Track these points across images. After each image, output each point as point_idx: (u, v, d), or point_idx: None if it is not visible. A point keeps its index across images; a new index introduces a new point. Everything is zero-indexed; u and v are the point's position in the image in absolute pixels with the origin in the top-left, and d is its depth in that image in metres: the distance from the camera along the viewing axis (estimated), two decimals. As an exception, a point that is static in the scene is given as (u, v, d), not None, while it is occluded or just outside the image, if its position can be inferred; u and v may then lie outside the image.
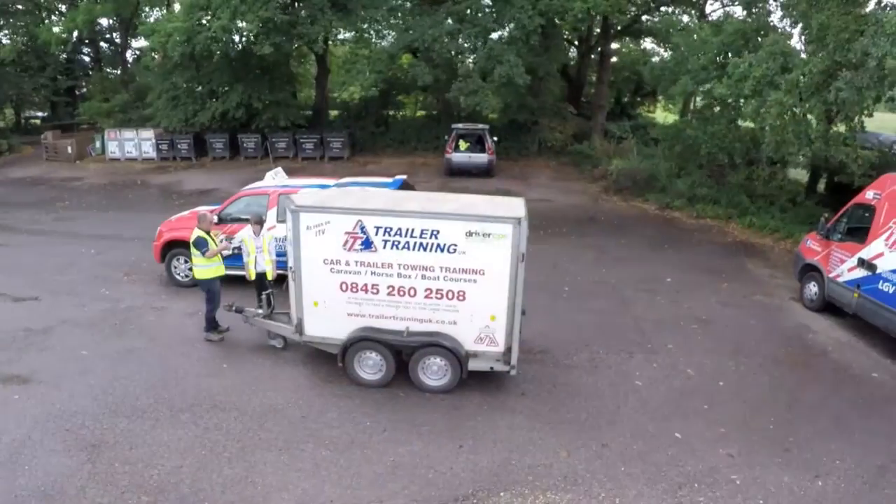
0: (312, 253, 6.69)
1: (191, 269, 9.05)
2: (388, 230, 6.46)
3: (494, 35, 18.33)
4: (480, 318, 6.60)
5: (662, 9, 22.72)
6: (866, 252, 7.64)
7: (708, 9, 22.23)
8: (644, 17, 22.29)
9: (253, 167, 20.25)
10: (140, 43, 28.84)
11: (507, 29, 18.08)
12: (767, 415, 6.31)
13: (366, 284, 6.68)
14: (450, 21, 17.38)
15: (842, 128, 11.26)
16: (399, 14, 19.50)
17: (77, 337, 8.13)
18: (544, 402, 6.65)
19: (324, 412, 6.37)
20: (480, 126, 19.68)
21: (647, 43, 26.72)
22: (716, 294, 9.82)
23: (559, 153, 23.29)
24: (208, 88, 21.19)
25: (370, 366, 6.84)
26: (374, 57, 18.54)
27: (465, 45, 17.27)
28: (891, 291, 7.18)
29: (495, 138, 19.92)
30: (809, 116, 10.56)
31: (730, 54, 12.29)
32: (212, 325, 8.11)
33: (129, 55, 30.53)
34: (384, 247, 6.52)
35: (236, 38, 18.62)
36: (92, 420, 6.19)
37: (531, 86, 20.16)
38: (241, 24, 17.30)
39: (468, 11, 17.69)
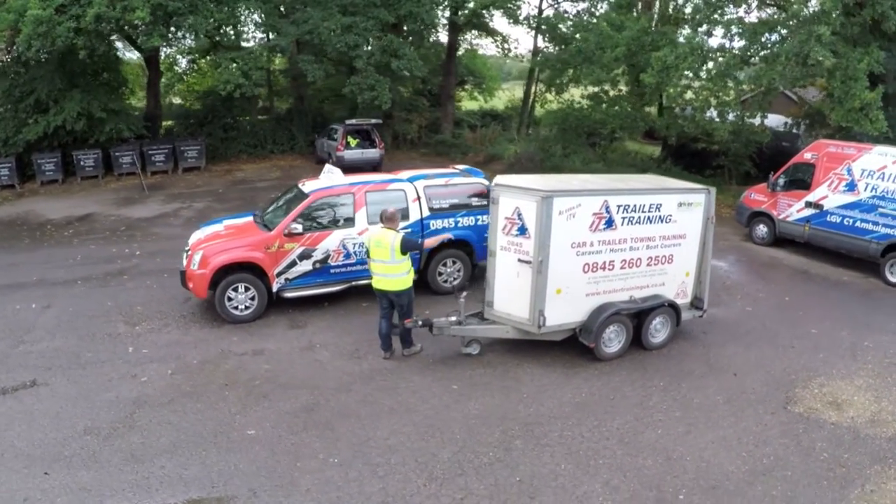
0: (561, 238, 7.07)
1: (252, 300, 8.31)
2: (626, 208, 7.33)
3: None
4: (680, 276, 8.01)
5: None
6: (812, 196, 11.52)
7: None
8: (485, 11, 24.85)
9: (94, 186, 16.83)
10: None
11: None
12: (814, 304, 9.40)
13: (605, 262, 7.40)
14: (341, 16, 16.97)
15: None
16: (281, 7, 18.00)
17: (207, 418, 6.24)
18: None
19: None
20: (373, 121, 19.72)
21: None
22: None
23: (415, 145, 24.67)
24: (33, 98, 16.09)
25: (610, 339, 7.50)
26: (256, 52, 16.81)
27: (359, 38, 17.10)
28: (837, 221, 11.13)
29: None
30: (727, 97, 14.42)
31: (646, 47, 15.57)
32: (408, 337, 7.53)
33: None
34: (622, 224, 7.32)
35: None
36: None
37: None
38: (123, 12, 13.65)
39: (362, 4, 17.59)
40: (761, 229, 12.74)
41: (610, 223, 7.29)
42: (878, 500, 5.12)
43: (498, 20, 25.38)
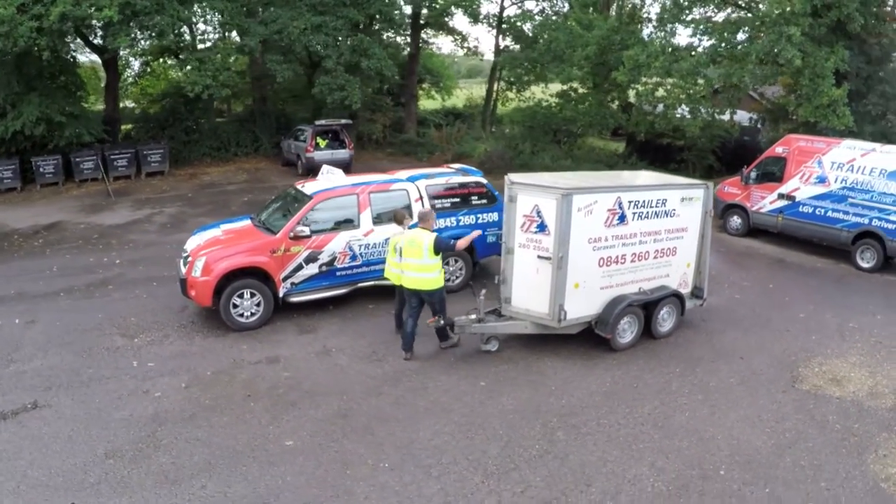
0: (579, 234, 7.32)
1: (258, 306, 8.26)
2: (636, 203, 7.66)
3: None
4: (682, 267, 8.44)
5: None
6: (784, 188, 12.27)
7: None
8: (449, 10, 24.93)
9: (55, 193, 15.92)
10: None
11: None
12: (796, 290, 10.07)
13: (618, 256, 7.70)
14: (310, 15, 16.71)
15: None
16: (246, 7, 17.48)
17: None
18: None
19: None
20: (343, 121, 19.51)
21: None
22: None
23: (381, 145, 24.54)
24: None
25: (623, 330, 7.81)
26: (224, 52, 16.30)
27: (329, 38, 16.86)
28: (809, 212, 11.90)
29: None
30: (699, 94, 15.10)
31: (614, 46, 16.09)
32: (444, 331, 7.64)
33: None
34: (633, 219, 7.65)
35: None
36: None
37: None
38: (90, 11, 12.83)
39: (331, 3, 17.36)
40: (735, 220, 13.46)
41: (622, 218, 7.59)
42: (891, 463, 5.62)
43: (458, 19, 25.56)
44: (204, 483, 5.31)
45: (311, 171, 19.45)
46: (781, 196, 12.35)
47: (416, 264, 7.16)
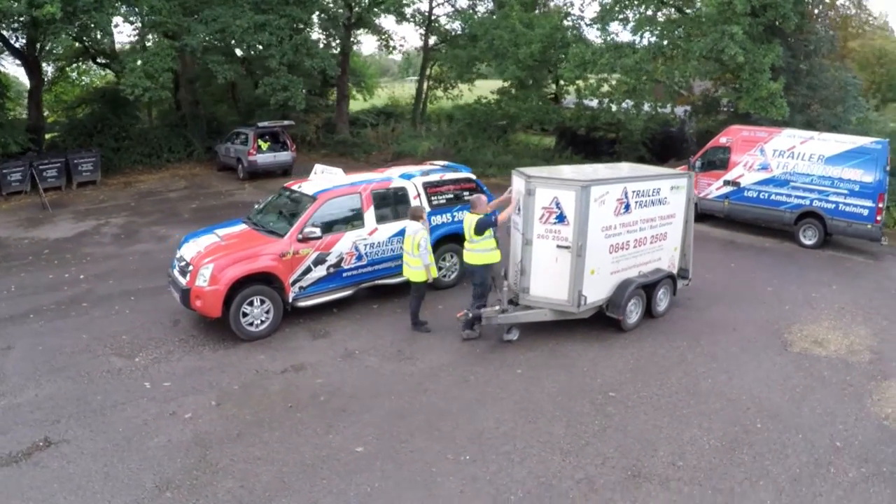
0: (595, 223, 7.80)
1: (267, 313, 8.14)
2: (638, 193, 8.30)
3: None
4: (671, 251, 9.20)
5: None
6: (730, 175, 13.59)
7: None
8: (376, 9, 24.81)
9: None
10: None
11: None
12: (756, 267, 11.26)
13: (624, 242, 8.32)
14: (253, 14, 16.08)
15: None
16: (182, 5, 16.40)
17: None
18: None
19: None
20: (286, 122, 18.96)
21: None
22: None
23: (314, 146, 24.08)
24: None
25: (631, 311, 8.43)
26: (162, 52, 15.27)
27: (273, 37, 16.29)
28: (754, 196, 13.26)
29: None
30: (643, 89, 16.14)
31: (556, 46, 16.83)
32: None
33: None
34: (636, 207, 8.26)
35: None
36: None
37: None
38: (30, 10, 11.43)
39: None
40: (683, 207, 14.68)
41: (627, 207, 8.18)
42: (886, 405, 6.64)
43: (386, 17, 25.59)
44: (286, 502, 5.13)
45: (253, 173, 19.00)
46: (727, 182, 13.66)
47: (468, 243, 8.02)
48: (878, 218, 11.67)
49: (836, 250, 12.35)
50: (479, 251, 7.98)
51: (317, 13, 17.93)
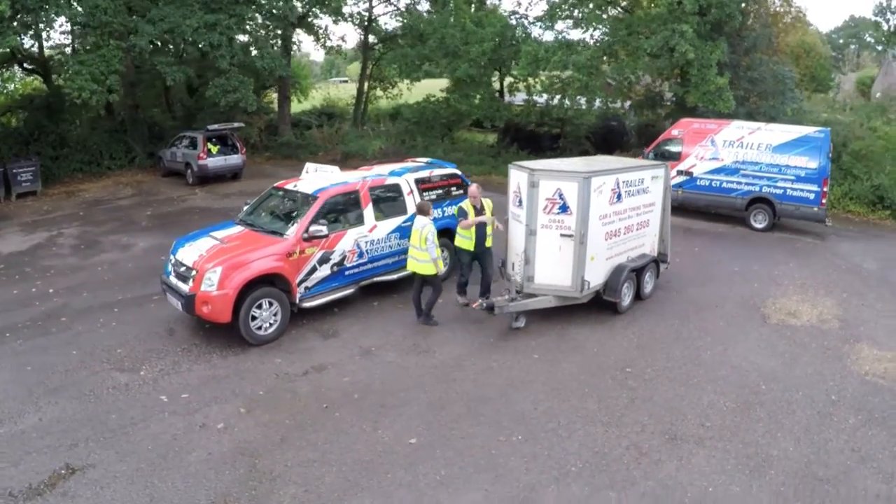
0: (594, 212, 8.28)
1: (275, 315, 8.07)
2: (627, 182, 8.89)
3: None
4: (652, 237, 9.85)
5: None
6: (683, 166, 14.61)
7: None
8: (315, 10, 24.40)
9: None
10: None
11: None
12: (717, 250, 12.22)
13: (616, 230, 8.89)
14: (203, 13, 15.47)
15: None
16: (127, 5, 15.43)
17: None
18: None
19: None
20: (236, 124, 18.39)
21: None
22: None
23: (258, 148, 23.54)
24: None
25: (624, 294, 9.01)
26: (108, 54, 14.36)
27: (223, 37, 15.75)
28: (706, 184, 14.37)
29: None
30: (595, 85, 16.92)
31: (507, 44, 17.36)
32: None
33: None
34: (626, 196, 8.83)
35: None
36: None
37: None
38: None
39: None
40: (639, 198, 15.61)
41: (619, 197, 8.75)
42: (863, 364, 7.55)
43: (323, 17, 25.37)
44: (361, 500, 5.15)
45: (204, 178, 18.30)
46: (680, 172, 14.68)
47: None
48: (823, 201, 12.95)
49: (784, 232, 13.56)
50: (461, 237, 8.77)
51: (265, 11, 17.51)
